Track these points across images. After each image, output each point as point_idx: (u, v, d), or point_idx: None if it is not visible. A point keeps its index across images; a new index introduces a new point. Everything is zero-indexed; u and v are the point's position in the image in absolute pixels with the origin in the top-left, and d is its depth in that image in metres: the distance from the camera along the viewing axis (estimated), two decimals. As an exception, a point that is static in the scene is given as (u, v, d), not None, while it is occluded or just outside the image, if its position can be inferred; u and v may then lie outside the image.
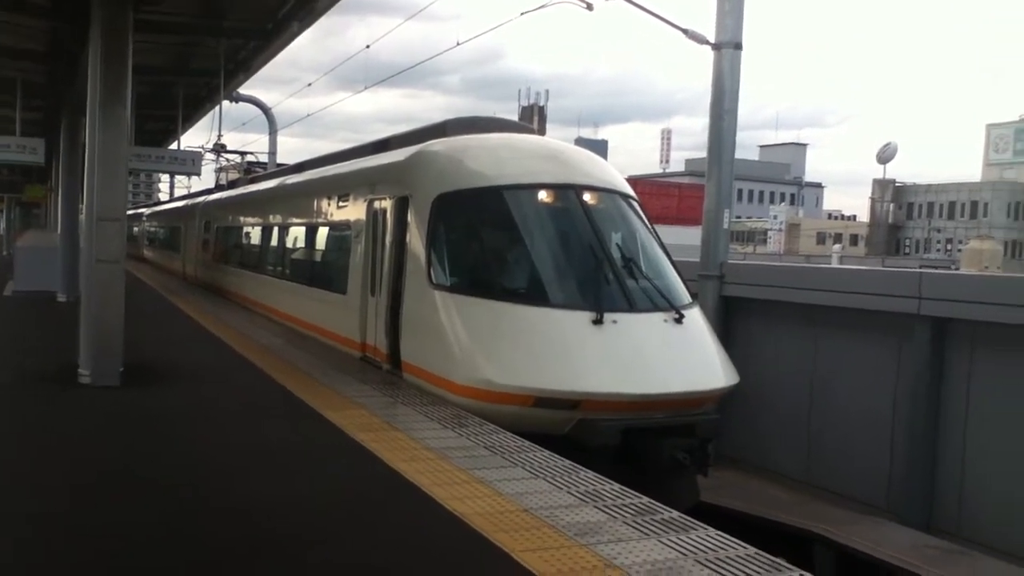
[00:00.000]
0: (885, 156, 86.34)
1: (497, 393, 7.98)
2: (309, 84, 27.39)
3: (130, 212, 45.88)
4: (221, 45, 15.14)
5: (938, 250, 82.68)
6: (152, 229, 37.60)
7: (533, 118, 71.81)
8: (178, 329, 14.02)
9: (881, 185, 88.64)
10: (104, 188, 9.25)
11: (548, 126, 79.66)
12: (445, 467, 6.30)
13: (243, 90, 27.94)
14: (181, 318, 15.43)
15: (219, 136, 24.26)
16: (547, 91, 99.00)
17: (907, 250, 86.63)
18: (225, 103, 23.88)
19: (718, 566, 4.59)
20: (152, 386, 9.25)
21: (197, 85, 19.01)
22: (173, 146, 23.86)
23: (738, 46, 13.20)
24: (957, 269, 44.40)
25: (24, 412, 8.09)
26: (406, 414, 7.96)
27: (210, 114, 23.28)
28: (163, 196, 70.56)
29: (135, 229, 41.87)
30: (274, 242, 16.30)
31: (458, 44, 18.20)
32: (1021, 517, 9.09)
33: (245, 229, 19.15)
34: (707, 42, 13.32)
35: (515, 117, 48.89)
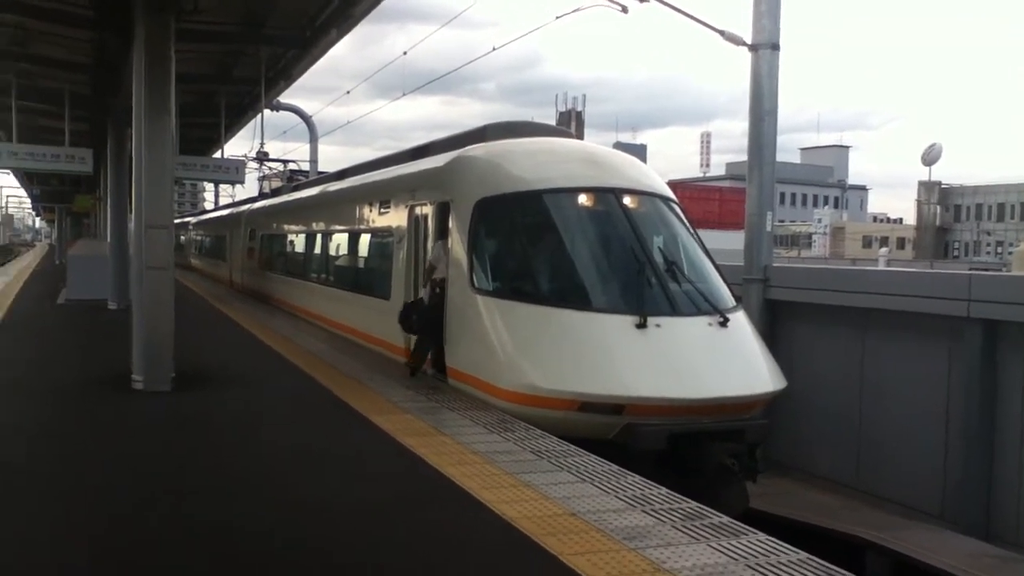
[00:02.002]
0: (930, 157, 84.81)
1: (542, 398, 7.96)
2: (348, 92, 27.73)
3: (176, 221, 46.61)
4: (261, 53, 15.32)
5: (988, 253, 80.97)
6: (198, 237, 38.17)
7: (571, 123, 71.68)
8: (226, 335, 14.21)
9: (927, 187, 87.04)
10: (151, 196, 9.41)
11: (586, 131, 79.44)
12: (492, 471, 6.30)
13: (284, 98, 28.34)
14: (229, 325, 15.63)
15: (261, 144, 24.56)
16: (584, 96, 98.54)
17: (956, 253, 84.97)
18: (267, 112, 24.19)
19: (769, 571, 4.52)
20: (203, 391, 9.38)
21: (239, 94, 19.24)
22: (217, 155, 24.18)
23: (775, 47, 13.08)
24: (1008, 272, 43.48)
25: (79, 417, 8.23)
26: (452, 419, 7.97)
27: (252, 123, 23.58)
28: (208, 205, 71.68)
29: (182, 238, 42.52)
30: (317, 249, 16.46)
31: (494, 49, 18.31)
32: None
33: (289, 236, 19.37)
34: (744, 43, 13.21)
35: (553, 122, 48.89)
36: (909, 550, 8.75)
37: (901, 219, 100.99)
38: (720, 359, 8.37)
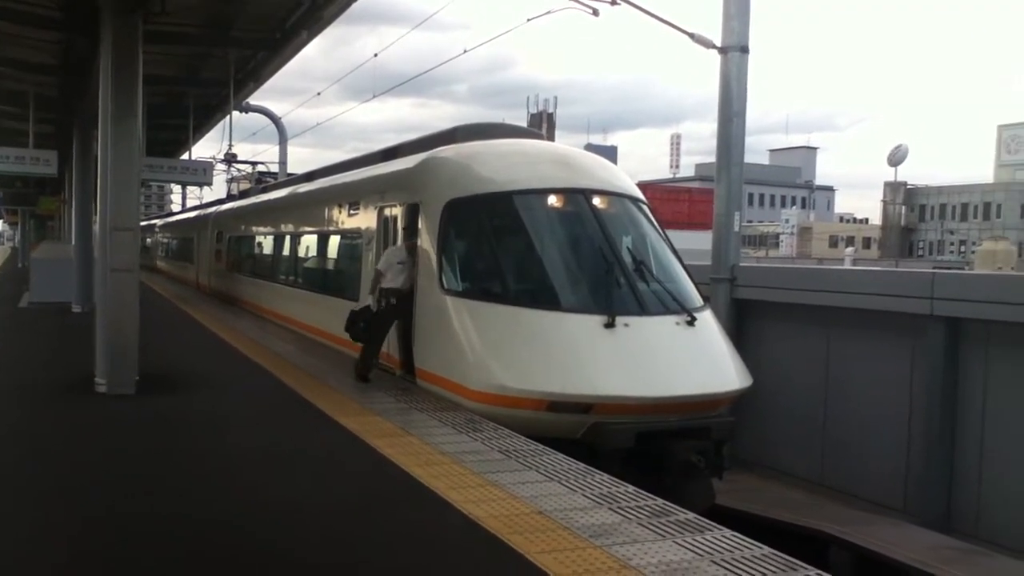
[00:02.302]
0: (896, 158, 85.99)
1: (511, 398, 8.00)
2: (318, 93, 27.60)
3: (143, 223, 46.17)
4: (230, 55, 15.23)
5: (951, 252, 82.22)
6: (165, 240, 37.82)
7: (542, 125, 71.90)
8: (192, 338, 14.10)
9: (892, 187, 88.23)
10: (117, 198, 9.33)
11: (557, 133, 79.70)
12: (460, 471, 6.32)
13: (253, 100, 28.14)
14: (195, 327, 15.51)
15: (230, 146, 24.38)
16: (555, 98, 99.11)
17: (920, 252, 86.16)
18: (235, 113, 24.04)
19: (733, 566, 4.58)
20: (168, 394, 9.31)
21: (207, 95, 19.11)
22: (184, 156, 23.98)
23: (745, 49, 13.20)
24: (971, 270, 44.18)
25: (42, 420, 8.14)
26: (420, 420, 7.98)
27: (221, 124, 23.43)
28: (175, 207, 71.01)
29: (148, 240, 42.11)
30: (286, 251, 16.38)
31: (465, 52, 18.30)
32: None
33: (257, 239, 19.25)
34: (713, 46, 13.32)
35: (524, 124, 48.97)
36: (872, 544, 8.88)
37: (867, 219, 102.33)
38: (687, 358, 8.45)
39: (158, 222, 44.86)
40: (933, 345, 10.13)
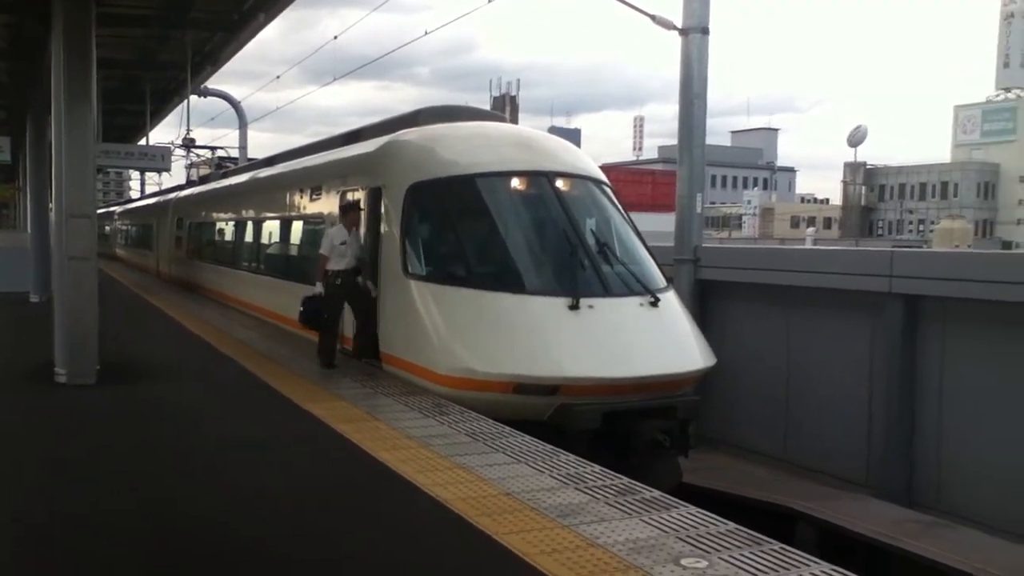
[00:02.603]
0: (856, 139, 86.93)
1: (477, 381, 8.00)
2: (277, 77, 27.19)
3: (101, 210, 45.43)
4: (187, 37, 14.99)
5: (911, 231, 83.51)
6: (124, 227, 37.23)
7: (505, 108, 71.66)
8: (154, 326, 13.92)
9: (852, 168, 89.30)
10: (72, 185, 9.15)
11: (521, 116, 79.54)
12: (427, 455, 6.31)
13: (212, 84, 27.72)
14: (157, 315, 15.31)
15: (188, 131, 24.04)
16: (518, 80, 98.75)
17: (880, 232, 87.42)
18: (194, 98, 23.68)
19: (699, 542, 4.63)
20: (129, 383, 9.18)
21: (164, 79, 18.81)
22: (142, 142, 23.60)
23: (705, 31, 13.24)
24: (929, 248, 44.93)
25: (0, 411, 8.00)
26: (387, 404, 7.95)
27: (179, 109, 23.08)
28: (134, 194, 69.89)
29: (107, 228, 41.43)
30: (247, 237, 16.19)
31: (426, 33, 18.17)
32: (997, 488, 9.25)
33: (218, 225, 19.01)
34: (674, 27, 13.34)
35: (488, 107, 48.79)
36: (836, 518, 9.03)
37: (828, 199, 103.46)
38: (651, 338, 8.50)
39: (117, 209, 44.13)
40: (892, 322, 10.29)
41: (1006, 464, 9.17)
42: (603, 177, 10.27)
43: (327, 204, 11.56)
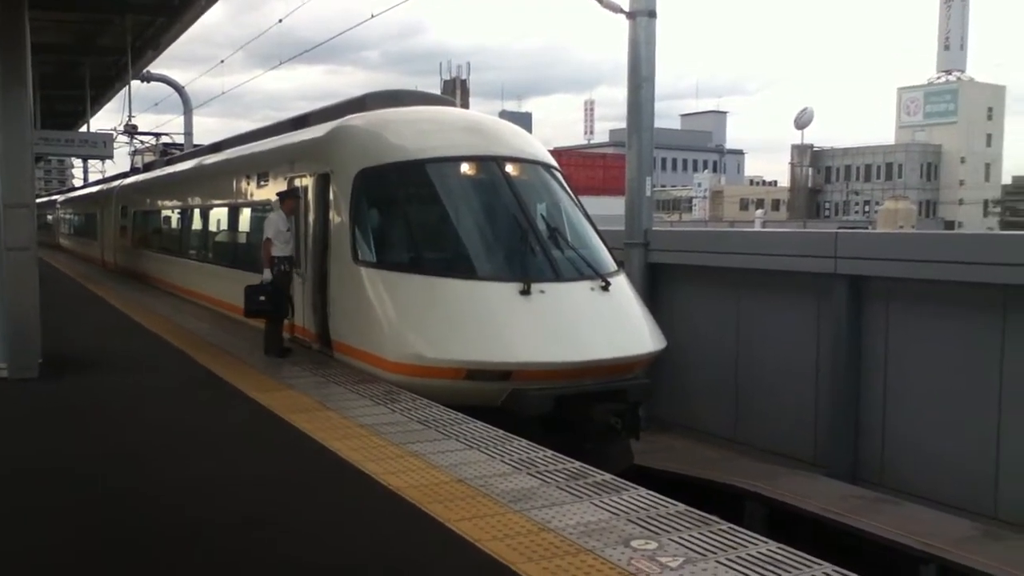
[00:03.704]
0: (802, 121, 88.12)
1: (428, 368, 7.97)
2: (222, 61, 26.62)
3: (43, 199, 44.29)
4: (127, 21, 14.64)
5: (856, 212, 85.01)
6: (67, 216, 36.37)
7: (455, 91, 71.35)
8: (99, 317, 13.64)
9: (799, 150, 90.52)
10: (8, 173, 8.90)
11: (471, 100, 79.22)
12: (378, 443, 6.28)
13: (156, 68, 27.12)
14: (102, 306, 15.00)
15: (130, 117, 23.51)
16: (468, 64, 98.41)
17: (827, 213, 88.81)
18: (136, 83, 23.16)
19: (650, 523, 4.68)
20: (73, 376, 8.99)
21: (105, 64, 18.36)
22: (83, 129, 23.02)
23: (652, 14, 13.27)
24: (874, 230, 45.79)
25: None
26: (338, 393, 7.89)
27: (121, 95, 22.54)
28: (78, 182, 68.23)
29: (49, 217, 40.44)
30: (194, 225, 15.92)
31: (372, 16, 17.86)
32: (938, 464, 9.49)
33: (163, 213, 18.67)
34: (621, 10, 13.35)
35: (437, 91, 48.49)
36: (784, 496, 9.19)
37: (776, 182, 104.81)
38: (602, 322, 8.55)
39: (59, 198, 43.05)
40: (837, 303, 10.47)
41: (947, 441, 9.41)
42: (553, 162, 10.28)
43: (275, 190, 11.38)
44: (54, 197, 45.73)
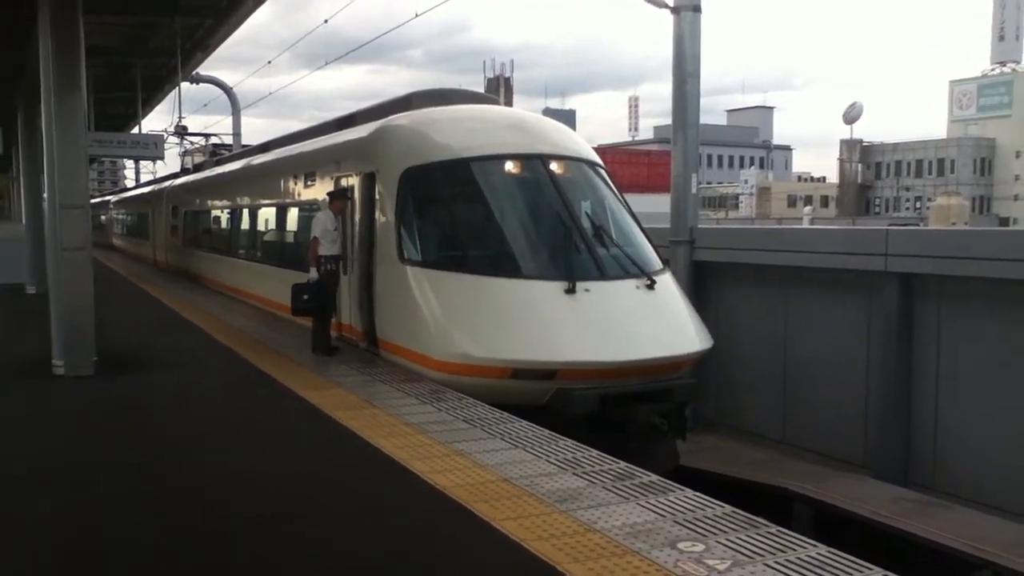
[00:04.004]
0: (851, 116, 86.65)
1: (474, 366, 7.99)
2: (269, 62, 27.04)
3: (96, 200, 45.27)
4: (176, 23, 14.86)
5: (907, 208, 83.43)
6: (120, 216, 37.12)
7: (499, 89, 71.40)
8: (151, 316, 13.90)
9: (848, 145, 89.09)
10: (65, 175, 9.10)
11: (515, 97, 79.18)
12: (424, 441, 6.32)
13: (204, 70, 27.55)
14: (154, 305, 15.29)
15: (180, 118, 23.90)
16: (512, 62, 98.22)
17: (877, 209, 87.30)
18: (186, 85, 23.55)
19: (696, 525, 4.64)
20: (127, 374, 9.17)
21: (155, 66, 18.65)
22: (134, 131, 23.46)
23: (697, 9, 13.16)
24: (926, 226, 44.91)
25: (-4, 405, 7.99)
26: (384, 391, 7.95)
27: (171, 96, 22.92)
28: (129, 183, 69.65)
29: (103, 217, 41.31)
30: (242, 224, 16.15)
31: (417, 15, 17.95)
32: (993, 467, 9.28)
33: (213, 212, 18.96)
34: (666, 5, 13.27)
35: (481, 90, 48.58)
36: (832, 499, 9.06)
37: (824, 178, 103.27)
38: (648, 321, 8.49)
39: (112, 198, 43.97)
40: (888, 302, 10.29)
41: (1002, 443, 9.19)
42: (597, 159, 10.24)
43: (321, 190, 11.51)
44: (107, 198, 46.71)
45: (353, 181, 10.38)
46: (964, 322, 9.75)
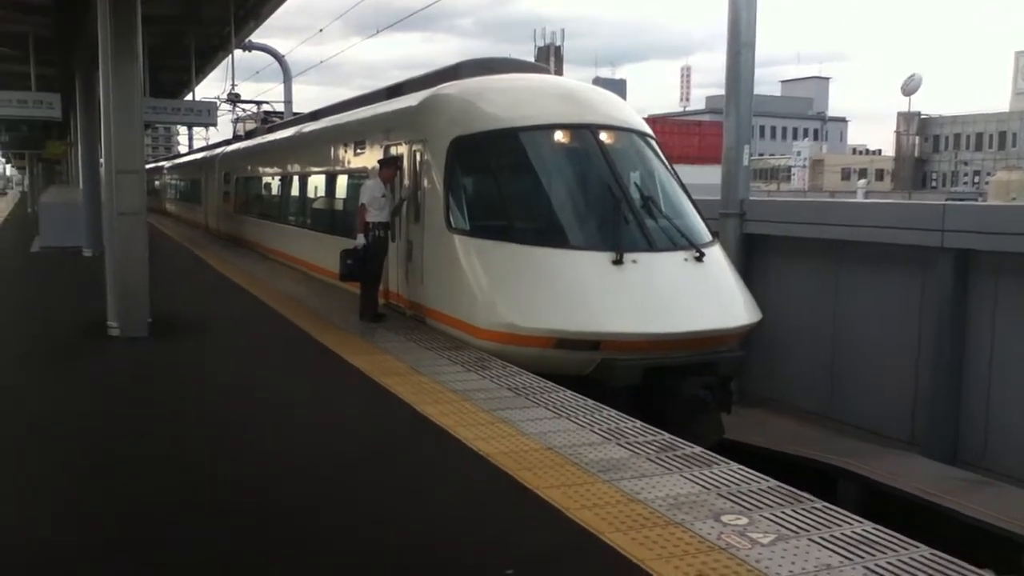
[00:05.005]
0: (910, 88, 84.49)
1: (519, 336, 8.02)
2: (320, 30, 27.13)
3: (150, 166, 46.01)
4: (230, -8, 15.02)
5: (965, 183, 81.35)
6: (173, 182, 37.73)
7: (549, 59, 70.77)
8: (203, 280, 14.17)
9: (906, 118, 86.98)
10: (121, 141, 9.28)
11: (565, 67, 78.37)
12: (469, 408, 6.38)
13: (256, 38, 27.77)
14: (206, 269, 15.57)
15: (233, 86, 24.24)
16: (563, 31, 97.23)
17: (934, 184, 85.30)
18: (238, 53, 23.76)
19: (740, 499, 4.64)
20: (180, 336, 9.39)
21: (208, 35, 18.87)
22: (188, 97, 23.77)
23: (755, -25, 12.91)
24: (984, 201, 43.76)
25: (56, 364, 8.23)
26: (430, 358, 8.03)
27: (223, 64, 23.18)
28: (183, 149, 70.66)
29: (156, 183, 42.00)
30: (293, 191, 16.32)
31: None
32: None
33: (264, 179, 19.18)
34: (724, -27, 13.02)
35: (531, 59, 48.23)
36: (878, 476, 8.97)
37: (880, 151, 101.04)
38: (695, 294, 8.43)
39: (166, 164, 44.68)
40: (943, 278, 10.09)
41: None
42: (647, 129, 10.13)
43: (371, 158, 11.58)
44: (161, 163, 47.46)
45: (402, 150, 10.42)
46: (1021, 299, 9.52)
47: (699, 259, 8.59)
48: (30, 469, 5.34)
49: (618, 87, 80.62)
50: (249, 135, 25.63)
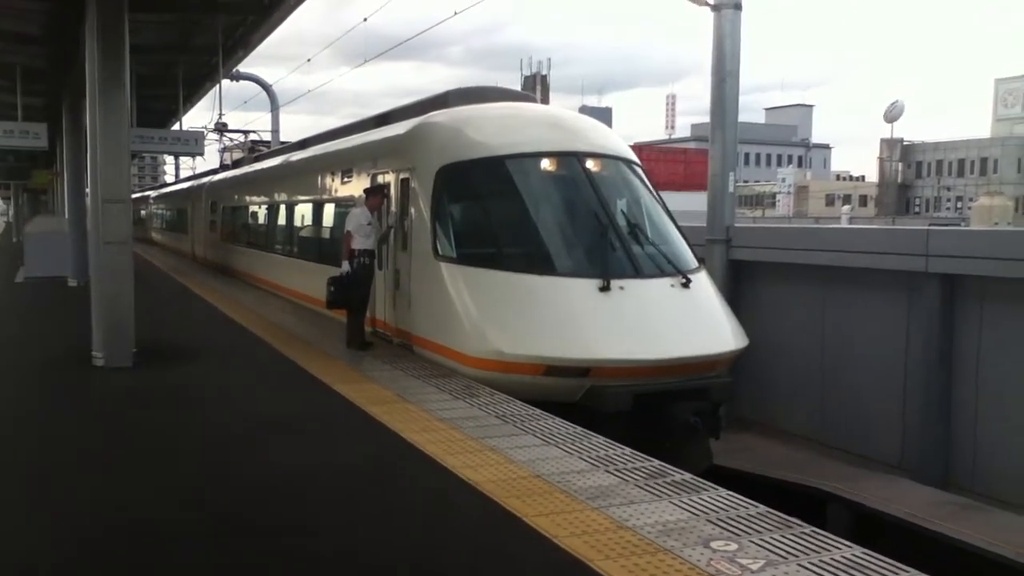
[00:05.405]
0: (892, 115, 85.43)
1: (507, 363, 8.01)
2: (308, 60, 27.22)
3: (137, 195, 45.93)
4: (219, 21, 15.02)
5: (948, 208, 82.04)
6: (159, 211, 37.66)
7: (536, 87, 71.24)
8: (189, 309, 14.10)
9: (889, 144, 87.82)
10: (107, 170, 9.27)
11: (552, 95, 78.88)
12: (457, 436, 6.34)
13: (244, 67, 27.85)
14: (192, 298, 15.50)
15: (220, 115, 24.21)
16: (549, 59, 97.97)
17: (917, 209, 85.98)
18: (226, 82, 23.82)
19: (729, 525, 4.62)
20: (165, 366, 9.32)
21: (197, 64, 18.86)
22: (175, 127, 23.76)
23: (738, 6, 13.06)
24: (967, 226, 44.12)
25: (40, 395, 8.16)
26: (417, 386, 8.00)
27: (211, 93, 23.17)
28: (169, 178, 70.60)
29: (143, 212, 41.93)
30: (281, 220, 16.32)
31: (456, 14, 17.97)
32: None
33: (251, 208, 19.17)
34: (706, 3, 13.18)
35: (518, 87, 48.58)
36: (868, 500, 8.96)
37: (864, 176, 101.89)
38: (683, 319, 8.45)
39: (152, 193, 44.60)
40: (928, 302, 10.14)
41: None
42: (633, 156, 10.21)
43: (359, 187, 11.60)
44: (147, 192, 47.38)
45: (390, 178, 10.44)
46: (1006, 323, 9.58)
47: (686, 285, 8.62)
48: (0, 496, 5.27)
49: (604, 115, 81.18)
50: (236, 164, 25.65)
